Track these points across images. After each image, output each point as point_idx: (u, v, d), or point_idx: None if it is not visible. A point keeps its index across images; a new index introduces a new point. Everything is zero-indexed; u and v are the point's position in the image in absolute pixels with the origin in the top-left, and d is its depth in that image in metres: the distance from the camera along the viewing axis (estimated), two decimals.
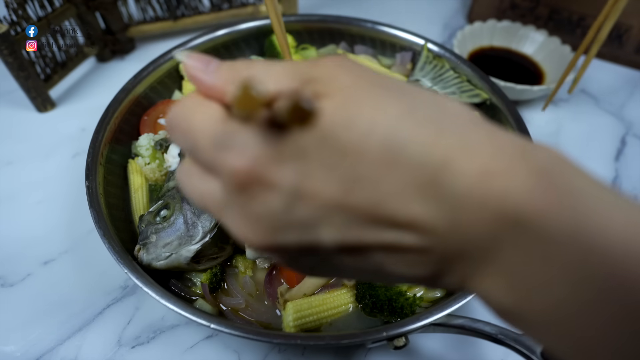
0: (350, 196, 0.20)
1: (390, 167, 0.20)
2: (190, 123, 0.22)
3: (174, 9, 0.84)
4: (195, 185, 0.24)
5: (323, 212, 0.20)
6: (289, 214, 0.20)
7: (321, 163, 0.20)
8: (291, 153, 0.20)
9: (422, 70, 0.70)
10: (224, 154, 0.21)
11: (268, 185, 0.20)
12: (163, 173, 0.61)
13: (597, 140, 0.74)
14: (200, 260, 0.51)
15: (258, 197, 0.20)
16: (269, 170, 0.20)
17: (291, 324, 0.48)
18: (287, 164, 0.20)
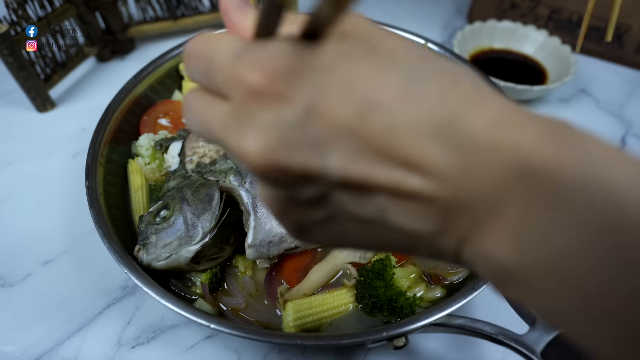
0: (366, 121, 0.19)
1: (409, 101, 0.19)
2: (211, 45, 0.22)
3: (174, 9, 0.84)
4: (200, 108, 0.23)
5: (335, 133, 0.19)
6: (300, 130, 0.19)
7: (342, 82, 0.19)
8: (313, 67, 0.19)
9: None
10: (241, 64, 0.20)
11: (284, 96, 0.19)
12: (163, 173, 0.61)
13: None
14: (200, 260, 0.51)
15: (271, 107, 0.19)
16: (287, 81, 0.19)
17: (291, 324, 0.48)
18: (307, 77, 0.19)
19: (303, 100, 0.19)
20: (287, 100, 0.19)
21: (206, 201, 0.50)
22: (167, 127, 0.66)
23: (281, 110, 0.19)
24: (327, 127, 0.19)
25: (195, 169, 0.55)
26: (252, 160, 0.20)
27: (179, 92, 0.71)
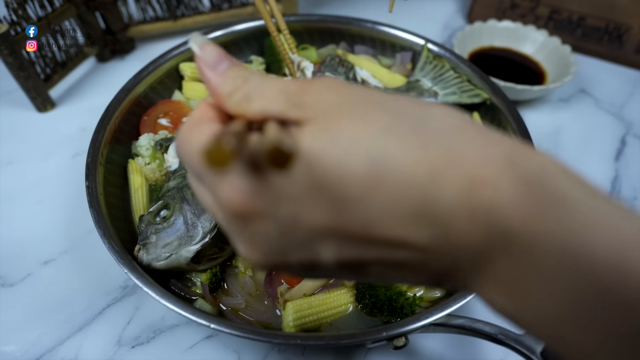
0: (340, 220, 0.20)
1: (377, 187, 0.19)
2: (187, 150, 0.23)
3: (174, 9, 0.84)
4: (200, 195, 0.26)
5: (317, 235, 0.21)
6: (285, 239, 0.22)
7: (309, 190, 0.20)
8: (280, 184, 0.21)
9: (422, 71, 0.70)
10: (218, 184, 0.22)
11: (260, 216, 0.21)
12: (163, 173, 0.61)
13: (597, 140, 0.74)
14: (200, 260, 0.51)
15: (253, 226, 0.22)
16: (259, 203, 0.21)
17: (291, 324, 0.48)
18: (277, 194, 0.21)
19: (279, 216, 0.21)
20: (265, 218, 0.21)
21: None
22: (167, 127, 0.66)
23: (263, 227, 0.22)
24: (308, 232, 0.21)
25: None
26: (253, 263, 0.24)
27: (179, 92, 0.71)
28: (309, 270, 0.24)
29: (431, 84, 0.69)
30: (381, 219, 0.20)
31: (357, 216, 0.20)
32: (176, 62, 0.70)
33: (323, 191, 0.20)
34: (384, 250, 0.21)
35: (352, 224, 0.20)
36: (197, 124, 0.24)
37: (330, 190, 0.20)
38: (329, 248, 0.22)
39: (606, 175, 0.69)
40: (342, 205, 0.20)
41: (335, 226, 0.21)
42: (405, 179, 0.19)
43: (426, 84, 0.69)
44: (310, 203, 0.21)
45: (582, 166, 0.70)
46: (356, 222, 0.20)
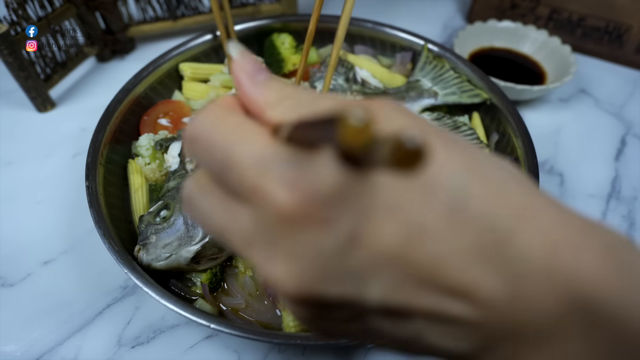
0: (410, 249, 0.17)
1: (456, 224, 0.18)
2: (229, 137, 0.19)
3: (174, 9, 0.84)
4: (214, 210, 0.20)
5: (378, 262, 0.18)
6: (341, 259, 0.17)
7: (385, 207, 0.17)
8: (354, 192, 0.17)
9: (422, 71, 0.70)
10: (271, 178, 0.17)
11: (323, 224, 0.17)
12: (163, 173, 0.61)
13: (597, 140, 0.74)
14: (200, 260, 0.51)
15: (308, 235, 0.17)
16: (327, 207, 0.17)
17: (291, 324, 0.48)
18: (349, 203, 0.17)
19: (344, 228, 0.17)
20: (326, 227, 0.17)
21: None
22: (167, 127, 0.66)
23: (318, 237, 0.17)
24: (370, 256, 0.18)
25: (195, 169, 0.55)
26: (283, 288, 0.18)
27: (179, 92, 0.71)
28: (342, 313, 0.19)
29: (431, 84, 0.69)
30: (452, 258, 0.18)
31: (429, 248, 0.18)
32: (176, 62, 0.70)
33: (401, 212, 0.17)
34: (441, 300, 0.18)
35: (421, 256, 0.17)
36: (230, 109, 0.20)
37: (408, 213, 0.17)
38: (382, 284, 0.18)
39: (606, 175, 0.69)
40: (418, 233, 0.17)
41: (403, 254, 0.17)
42: (485, 222, 0.18)
43: (426, 84, 0.69)
44: (383, 222, 0.17)
45: (582, 166, 0.70)
46: (425, 256, 0.18)
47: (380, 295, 0.18)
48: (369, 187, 0.17)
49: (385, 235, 0.17)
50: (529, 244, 0.18)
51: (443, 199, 0.18)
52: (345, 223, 0.17)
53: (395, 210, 0.17)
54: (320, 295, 0.18)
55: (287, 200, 0.17)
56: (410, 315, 0.19)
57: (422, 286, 0.18)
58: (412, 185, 0.18)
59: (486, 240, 0.18)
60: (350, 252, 0.17)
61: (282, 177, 0.17)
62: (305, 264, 0.17)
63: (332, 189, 0.17)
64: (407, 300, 0.18)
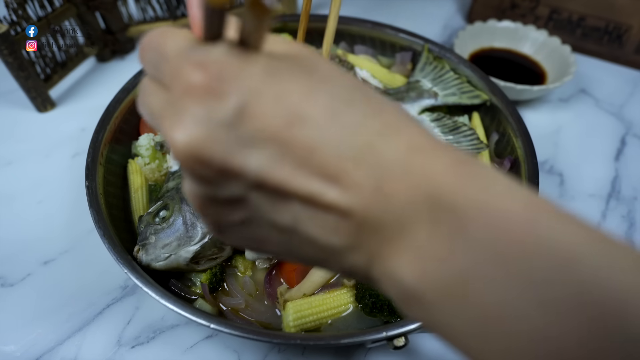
0: (292, 131, 0.20)
1: (335, 121, 0.21)
2: (164, 39, 0.23)
3: (174, 9, 0.84)
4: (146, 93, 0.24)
5: (260, 137, 0.20)
6: (227, 128, 0.20)
7: (276, 90, 0.20)
8: (249, 74, 0.21)
9: (422, 71, 0.70)
10: (185, 61, 0.21)
11: (218, 95, 0.20)
12: (163, 173, 0.61)
13: (597, 140, 0.74)
14: (200, 260, 0.51)
15: (205, 103, 0.20)
16: (223, 81, 0.20)
17: (291, 324, 0.48)
18: (243, 81, 0.20)
19: (236, 101, 0.20)
20: (221, 99, 0.20)
21: None
22: None
23: (213, 107, 0.20)
24: (254, 129, 0.20)
25: None
26: (178, 148, 0.20)
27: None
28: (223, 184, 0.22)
29: (431, 84, 0.69)
30: (328, 147, 0.20)
31: (307, 135, 0.20)
32: None
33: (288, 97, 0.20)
34: (315, 183, 0.21)
35: (299, 140, 0.20)
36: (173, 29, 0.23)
37: (293, 102, 0.20)
38: (262, 157, 0.20)
39: (606, 175, 0.69)
40: (299, 120, 0.20)
41: (283, 135, 0.20)
42: (360, 124, 0.21)
43: (426, 84, 0.69)
44: (269, 103, 0.20)
45: (582, 166, 0.70)
46: (304, 141, 0.20)
47: (258, 166, 0.21)
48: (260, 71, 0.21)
49: (269, 115, 0.20)
50: (393, 148, 0.21)
51: (327, 98, 0.21)
52: (235, 97, 0.20)
53: (282, 97, 0.20)
54: (206, 156, 0.20)
55: (193, 74, 0.20)
56: (287, 196, 0.21)
57: (298, 167, 0.20)
58: (306, 79, 0.21)
59: (358, 138, 0.21)
60: (237, 123, 0.20)
61: (190, 60, 0.21)
62: (198, 127, 0.20)
63: (225, 65, 0.20)
64: (284, 178, 0.21)
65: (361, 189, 0.21)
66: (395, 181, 0.20)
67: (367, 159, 0.21)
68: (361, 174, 0.20)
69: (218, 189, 0.22)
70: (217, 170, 0.21)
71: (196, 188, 0.23)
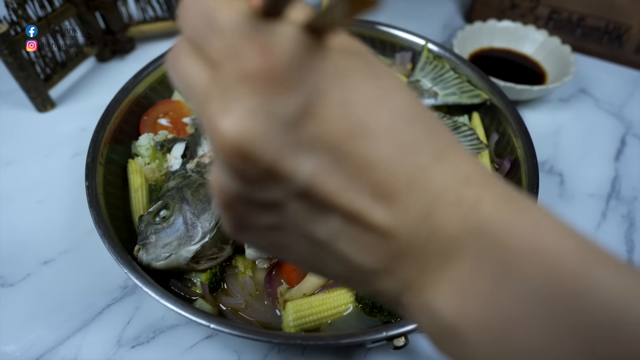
0: (352, 142, 0.19)
1: (396, 137, 0.20)
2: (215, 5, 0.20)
3: (174, 9, 0.84)
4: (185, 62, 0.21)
5: (320, 141, 0.19)
6: (288, 122, 0.18)
7: (344, 95, 0.19)
8: (319, 68, 0.19)
9: (422, 71, 0.70)
10: (246, 40, 0.18)
11: (283, 87, 0.18)
12: (163, 173, 0.61)
13: (597, 140, 0.74)
14: (200, 260, 0.51)
15: (265, 93, 0.18)
16: (290, 72, 0.18)
17: (291, 324, 0.48)
18: (312, 76, 0.18)
19: (302, 98, 0.18)
20: (285, 93, 0.18)
21: (206, 201, 0.51)
22: (167, 127, 0.66)
23: (275, 99, 0.18)
24: (314, 133, 0.19)
25: (195, 169, 0.55)
26: (224, 139, 0.18)
27: (179, 92, 0.71)
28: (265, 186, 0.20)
29: (431, 84, 0.69)
30: (385, 164, 0.19)
31: (368, 149, 0.19)
32: None
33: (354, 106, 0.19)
34: (363, 200, 0.19)
35: (357, 153, 0.19)
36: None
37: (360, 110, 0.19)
38: (316, 163, 0.19)
39: (606, 175, 0.69)
40: (362, 131, 0.19)
41: (343, 144, 0.19)
42: (419, 145, 0.20)
43: (426, 84, 0.69)
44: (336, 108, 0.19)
45: (582, 166, 0.70)
46: (363, 154, 0.19)
47: (309, 173, 0.19)
48: (330, 68, 0.19)
49: (334, 121, 0.19)
50: (448, 175, 0.20)
51: (392, 112, 0.20)
52: (302, 94, 0.18)
53: (349, 103, 0.19)
54: (256, 154, 0.18)
55: (254, 59, 0.18)
56: (330, 210, 0.20)
57: (351, 181, 0.19)
58: (373, 86, 0.20)
59: (416, 159, 0.20)
60: (298, 123, 0.18)
61: (253, 40, 0.18)
62: (253, 120, 0.18)
63: (295, 54, 0.18)
64: (334, 191, 0.19)
65: (409, 213, 0.20)
66: (445, 211, 0.20)
67: (421, 183, 0.20)
68: (412, 197, 0.20)
69: (256, 190, 0.20)
70: (263, 170, 0.19)
71: (230, 183, 0.20)
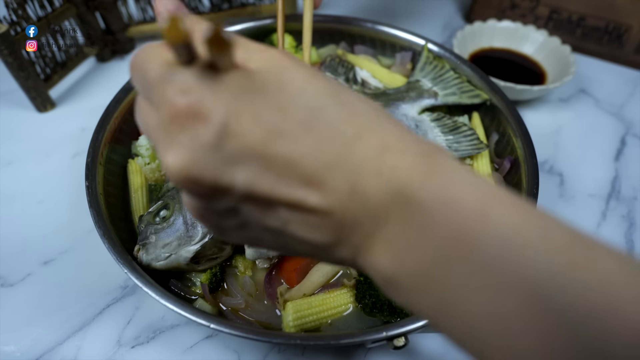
0: (271, 146, 0.22)
1: (311, 129, 0.22)
2: (145, 64, 0.24)
3: None
4: (142, 112, 0.26)
5: (244, 153, 0.22)
6: (213, 150, 0.22)
7: (252, 109, 0.22)
8: (226, 93, 0.22)
9: (422, 71, 0.70)
10: (165, 86, 0.23)
11: (199, 118, 0.22)
12: (163, 173, 0.61)
13: (597, 140, 0.74)
14: (200, 260, 0.51)
15: (189, 128, 0.22)
16: (202, 105, 0.22)
17: (291, 324, 0.48)
18: (221, 102, 0.22)
19: (215, 123, 0.22)
20: (202, 123, 0.22)
21: None
22: None
23: (196, 131, 0.22)
24: (236, 148, 0.22)
25: None
26: (171, 172, 0.22)
27: None
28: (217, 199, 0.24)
29: (431, 84, 0.69)
30: (305, 157, 0.22)
31: (288, 147, 0.22)
32: None
33: (265, 115, 0.22)
34: (297, 190, 0.23)
35: (280, 153, 0.22)
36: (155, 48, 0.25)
37: (272, 117, 0.22)
38: (248, 172, 0.22)
39: (606, 175, 0.69)
40: (279, 134, 0.22)
41: (265, 150, 0.22)
42: (334, 131, 0.23)
43: (426, 84, 0.69)
44: (250, 120, 0.22)
45: (582, 166, 0.70)
46: (283, 153, 0.22)
47: (245, 181, 0.22)
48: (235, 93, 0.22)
49: (249, 133, 0.22)
50: (366, 149, 0.23)
51: (301, 109, 0.23)
52: (214, 120, 0.22)
53: (258, 115, 0.22)
54: (197, 178, 0.22)
55: (174, 102, 0.22)
56: (274, 204, 0.23)
57: (280, 178, 0.22)
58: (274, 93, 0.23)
59: (334, 145, 0.23)
60: (220, 144, 0.22)
61: (171, 86, 0.22)
62: (185, 152, 0.22)
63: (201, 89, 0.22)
64: (269, 189, 0.23)
65: (338, 193, 0.23)
66: (367, 182, 0.23)
67: (342, 165, 0.23)
68: (337, 178, 0.23)
69: (212, 202, 0.24)
70: (208, 188, 0.23)
71: (193, 201, 0.25)
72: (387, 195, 0.22)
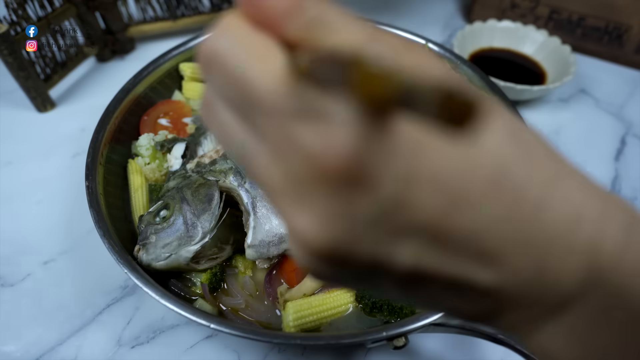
0: (450, 219, 0.17)
1: (496, 195, 0.17)
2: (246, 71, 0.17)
3: (174, 9, 0.84)
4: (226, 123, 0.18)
5: (416, 228, 0.17)
6: (378, 223, 0.16)
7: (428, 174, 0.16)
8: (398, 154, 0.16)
9: None
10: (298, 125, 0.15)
11: (361, 186, 0.16)
12: (163, 173, 0.61)
13: (597, 140, 0.74)
14: (200, 260, 0.51)
15: (348, 195, 0.16)
16: (367, 169, 0.15)
17: (291, 324, 0.48)
18: (394, 162, 0.16)
19: (387, 193, 0.16)
20: (366, 191, 0.16)
21: (206, 201, 0.50)
22: (167, 127, 0.66)
23: (358, 199, 0.16)
24: (408, 221, 0.16)
25: (195, 169, 0.55)
26: (307, 242, 0.17)
27: (179, 92, 0.71)
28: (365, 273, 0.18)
29: None
30: (489, 229, 0.17)
31: (467, 221, 0.17)
32: (176, 62, 0.70)
33: (443, 180, 0.16)
34: (469, 266, 0.18)
35: (459, 227, 0.17)
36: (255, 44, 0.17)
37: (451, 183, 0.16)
38: (414, 248, 0.17)
39: (606, 175, 0.69)
40: (458, 205, 0.17)
41: (441, 224, 0.17)
42: (523, 192, 0.17)
43: None
44: (424, 189, 0.16)
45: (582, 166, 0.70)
46: (464, 227, 0.17)
47: (411, 260, 0.17)
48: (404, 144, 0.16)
49: (425, 203, 0.16)
50: (556, 216, 0.18)
51: (488, 170, 0.17)
52: (386, 189, 0.16)
53: (439, 179, 0.16)
54: (349, 254, 0.17)
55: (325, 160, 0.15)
56: (435, 280, 0.18)
57: (454, 253, 0.17)
58: (459, 151, 0.17)
59: (520, 211, 0.17)
60: (389, 216, 0.16)
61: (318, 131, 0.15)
62: (339, 221, 0.16)
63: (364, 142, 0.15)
64: (438, 266, 0.18)
65: (518, 270, 0.18)
66: (557, 261, 0.18)
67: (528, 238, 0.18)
68: (520, 254, 0.18)
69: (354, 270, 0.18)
70: (360, 264, 0.17)
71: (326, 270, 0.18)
72: (580, 279, 0.18)
